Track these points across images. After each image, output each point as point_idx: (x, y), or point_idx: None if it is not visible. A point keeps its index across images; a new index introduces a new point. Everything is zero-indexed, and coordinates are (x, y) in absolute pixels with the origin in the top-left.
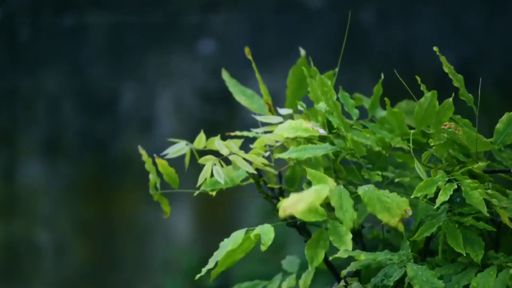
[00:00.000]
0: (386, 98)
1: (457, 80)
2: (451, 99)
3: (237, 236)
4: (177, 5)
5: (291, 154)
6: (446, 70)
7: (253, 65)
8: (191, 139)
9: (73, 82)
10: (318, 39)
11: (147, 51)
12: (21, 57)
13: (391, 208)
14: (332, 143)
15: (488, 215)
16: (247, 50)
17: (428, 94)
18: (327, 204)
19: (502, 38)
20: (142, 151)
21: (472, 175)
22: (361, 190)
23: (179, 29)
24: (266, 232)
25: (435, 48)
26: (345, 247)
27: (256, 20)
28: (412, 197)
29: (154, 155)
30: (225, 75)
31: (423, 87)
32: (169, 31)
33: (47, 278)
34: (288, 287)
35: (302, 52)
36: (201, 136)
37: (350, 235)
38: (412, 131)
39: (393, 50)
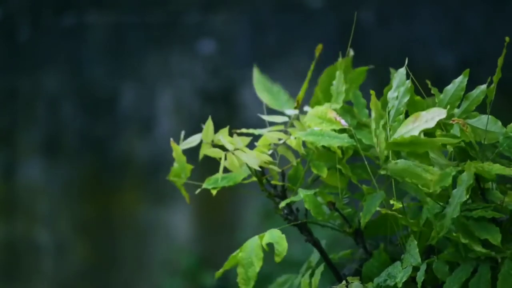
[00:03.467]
0: (411, 84)
1: (497, 76)
2: (484, 85)
3: (256, 249)
4: (177, 5)
5: (307, 137)
6: (499, 63)
7: (313, 64)
8: None
9: (73, 82)
10: (318, 39)
11: (147, 51)
12: (21, 57)
13: (424, 178)
14: (351, 137)
15: None
16: (319, 47)
17: (458, 78)
18: (329, 203)
19: (502, 38)
20: (173, 143)
21: (476, 174)
22: (392, 164)
23: (179, 29)
24: (279, 242)
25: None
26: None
27: (256, 20)
28: (430, 191)
29: (171, 139)
30: (255, 71)
31: (434, 91)
32: (169, 31)
33: (47, 278)
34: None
35: (351, 53)
36: (209, 125)
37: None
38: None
39: (393, 50)
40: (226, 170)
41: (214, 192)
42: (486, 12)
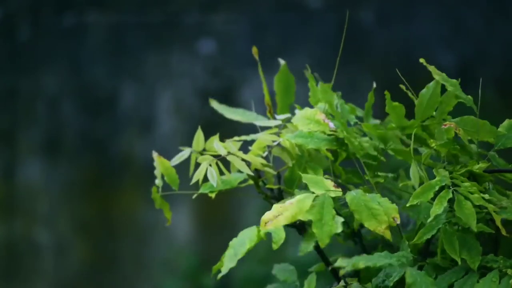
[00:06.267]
0: (386, 92)
1: (451, 85)
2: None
3: (251, 234)
4: (177, 5)
5: (296, 139)
6: (436, 77)
7: (259, 66)
8: (191, 139)
9: (73, 82)
10: (318, 39)
11: (147, 51)
12: (21, 57)
13: (379, 215)
14: (339, 139)
15: (475, 230)
16: (254, 50)
17: (431, 84)
18: None
19: (502, 38)
20: (158, 157)
21: (472, 175)
22: (349, 196)
23: (179, 29)
24: (277, 231)
25: (421, 60)
26: (324, 244)
27: (256, 20)
28: (408, 205)
29: (156, 154)
30: (213, 103)
31: (410, 94)
32: (169, 31)
33: (47, 278)
34: None
35: (282, 62)
36: (199, 134)
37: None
38: (411, 121)
39: (393, 50)
40: (222, 173)
41: (212, 195)
42: (486, 12)
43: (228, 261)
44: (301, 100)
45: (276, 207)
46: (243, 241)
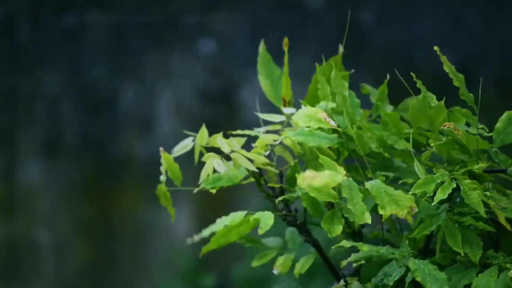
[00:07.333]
0: (379, 102)
1: (458, 80)
2: (442, 102)
3: (236, 216)
4: (177, 5)
5: (296, 136)
6: (446, 69)
7: (286, 57)
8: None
9: (73, 82)
10: (318, 39)
11: (147, 51)
12: (21, 57)
13: (399, 201)
14: (340, 137)
15: (485, 216)
16: (285, 41)
17: (419, 97)
18: (327, 204)
19: (502, 38)
20: (163, 152)
21: (472, 175)
22: (369, 184)
23: (179, 29)
24: (266, 218)
25: (435, 48)
26: (365, 221)
27: (256, 20)
28: (410, 193)
29: (161, 149)
30: (262, 47)
31: (419, 84)
32: (169, 31)
33: (47, 278)
34: (283, 267)
35: (341, 49)
36: (203, 130)
37: (368, 213)
38: (411, 130)
39: (393, 50)
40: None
41: (213, 191)
42: (486, 12)
43: (205, 232)
44: (302, 98)
45: (312, 171)
46: (225, 219)
